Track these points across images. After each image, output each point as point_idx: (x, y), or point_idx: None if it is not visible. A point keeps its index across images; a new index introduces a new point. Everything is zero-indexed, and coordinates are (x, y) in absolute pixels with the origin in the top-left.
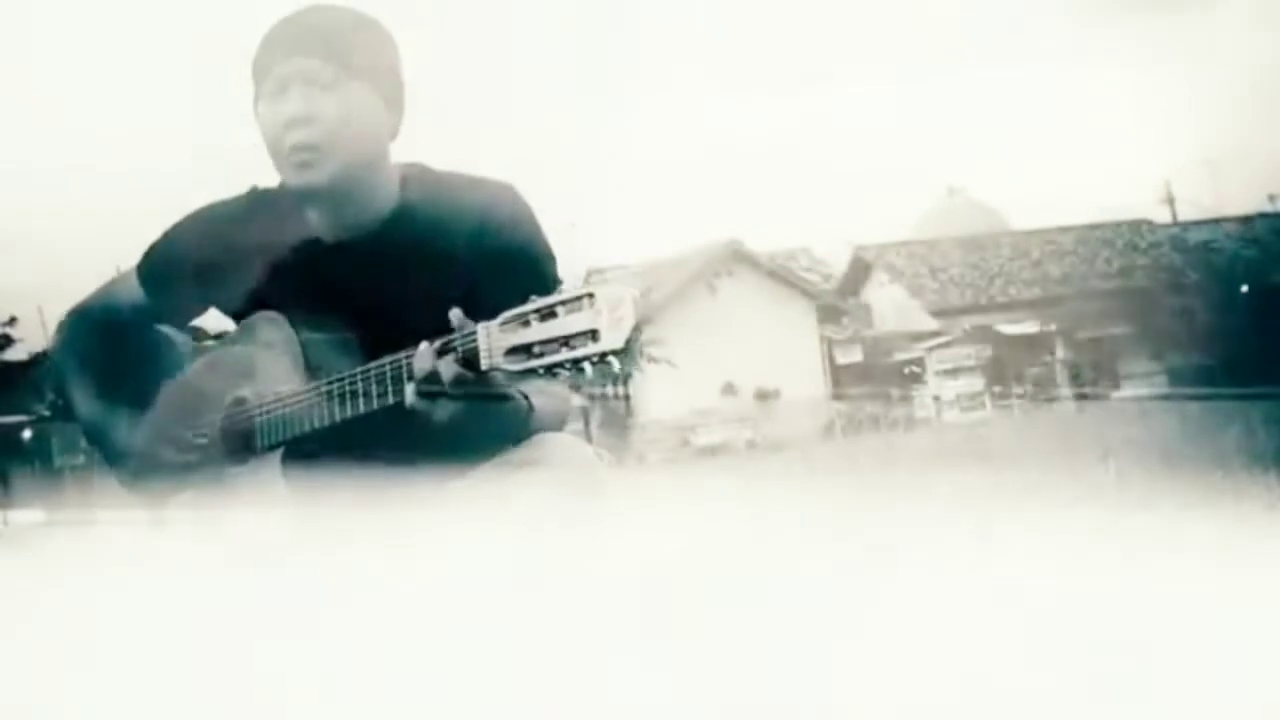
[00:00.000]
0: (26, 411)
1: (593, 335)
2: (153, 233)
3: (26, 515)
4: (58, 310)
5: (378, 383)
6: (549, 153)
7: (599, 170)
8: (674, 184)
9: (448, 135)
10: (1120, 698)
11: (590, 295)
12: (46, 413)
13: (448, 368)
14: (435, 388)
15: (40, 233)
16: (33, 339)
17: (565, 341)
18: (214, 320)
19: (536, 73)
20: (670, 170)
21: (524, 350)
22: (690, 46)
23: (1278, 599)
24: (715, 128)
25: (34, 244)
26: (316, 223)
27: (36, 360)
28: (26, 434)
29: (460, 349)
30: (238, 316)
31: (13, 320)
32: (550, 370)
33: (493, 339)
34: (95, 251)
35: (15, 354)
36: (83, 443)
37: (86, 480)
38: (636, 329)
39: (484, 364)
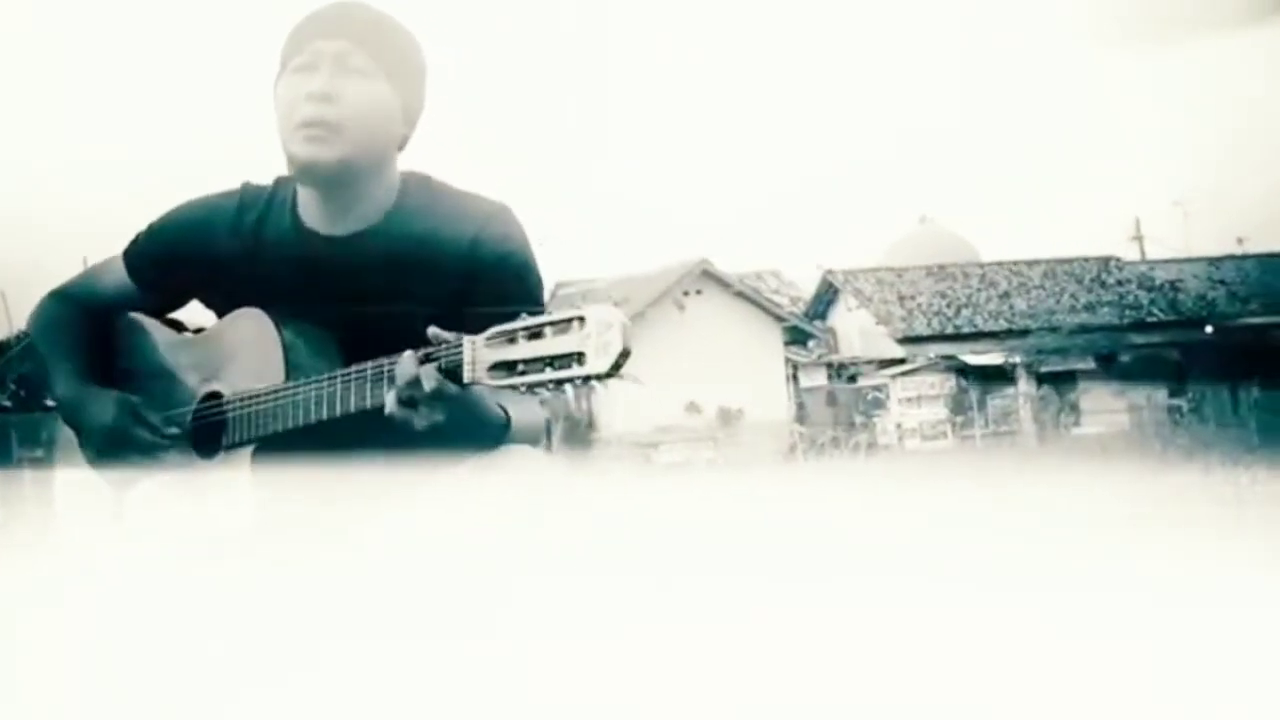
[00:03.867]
0: None
1: (578, 358)
2: (117, 223)
3: None
4: (20, 296)
5: (356, 387)
6: (519, 167)
7: (570, 185)
8: (645, 201)
9: (417, 146)
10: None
11: (581, 319)
12: (7, 403)
13: (429, 377)
14: (416, 393)
15: (3, 219)
16: None
17: (550, 362)
18: (195, 314)
19: (509, 87)
20: (642, 187)
21: (507, 367)
22: (666, 63)
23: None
24: (689, 146)
25: None
26: (311, 212)
27: None
28: None
29: (444, 360)
30: (221, 310)
31: None
32: (531, 388)
33: (478, 353)
34: (60, 240)
35: None
36: (43, 435)
37: (45, 474)
38: (623, 354)
39: (466, 377)
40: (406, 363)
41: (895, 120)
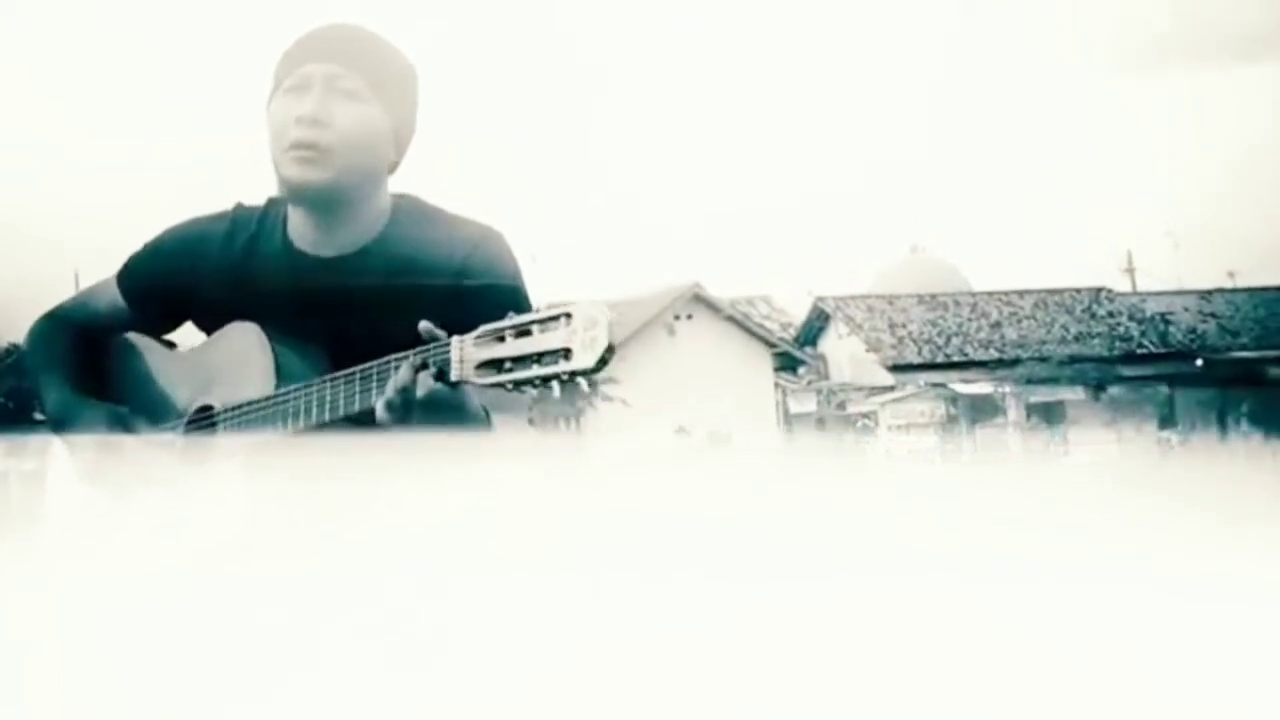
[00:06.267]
0: None
1: (565, 354)
2: (108, 237)
3: None
4: (9, 310)
5: (345, 391)
6: (513, 186)
7: (564, 206)
8: (638, 224)
9: (411, 164)
10: None
11: (567, 315)
12: None
13: (424, 384)
14: (408, 398)
15: None
16: None
17: (537, 358)
18: (190, 335)
19: (503, 107)
20: (635, 210)
21: (495, 365)
22: (660, 86)
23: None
24: (682, 170)
25: None
26: (301, 233)
27: None
28: None
29: (432, 361)
30: (213, 331)
31: None
32: (518, 385)
33: (465, 352)
34: (50, 252)
35: None
36: (32, 445)
37: (35, 486)
38: (609, 350)
39: (454, 375)
40: (404, 371)
41: (888, 148)
